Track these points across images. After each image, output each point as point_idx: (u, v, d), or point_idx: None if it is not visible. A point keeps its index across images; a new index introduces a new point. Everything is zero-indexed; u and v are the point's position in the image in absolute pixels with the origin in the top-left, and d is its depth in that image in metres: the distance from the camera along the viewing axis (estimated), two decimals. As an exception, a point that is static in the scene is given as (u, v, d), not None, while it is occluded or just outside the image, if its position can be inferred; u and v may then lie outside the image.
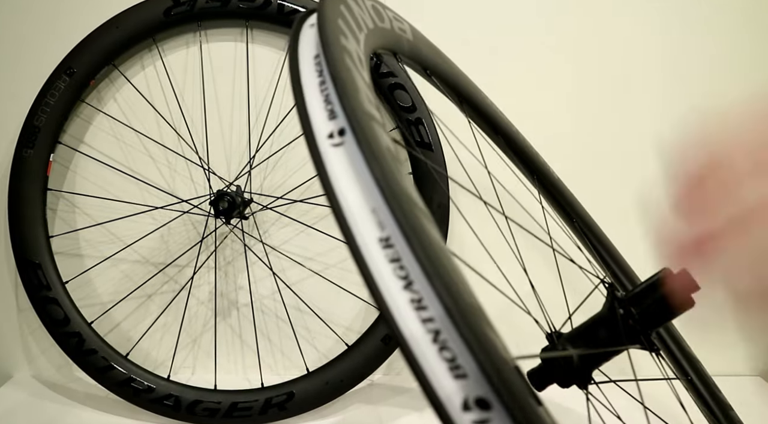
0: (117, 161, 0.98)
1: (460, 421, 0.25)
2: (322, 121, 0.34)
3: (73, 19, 0.93)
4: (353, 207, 0.30)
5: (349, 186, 0.31)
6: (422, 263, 0.27)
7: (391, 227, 0.29)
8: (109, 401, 0.94)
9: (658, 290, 0.50)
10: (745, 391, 0.98)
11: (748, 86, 0.96)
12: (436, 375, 0.26)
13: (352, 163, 0.31)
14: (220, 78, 0.96)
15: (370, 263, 0.29)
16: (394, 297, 0.28)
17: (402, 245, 0.28)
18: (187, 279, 1.00)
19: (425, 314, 0.27)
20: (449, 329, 0.26)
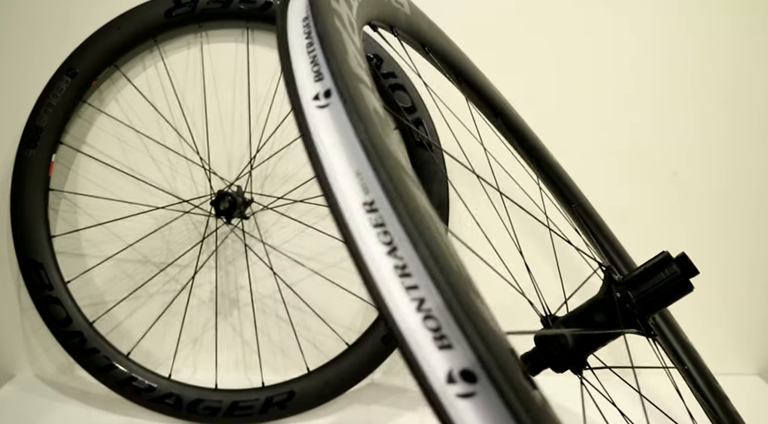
0: (118, 161, 0.98)
1: (444, 393, 0.24)
2: (308, 83, 0.33)
3: (74, 20, 0.93)
4: (337, 170, 0.29)
5: (333, 149, 0.30)
6: (407, 228, 0.26)
7: (375, 191, 0.28)
8: (110, 400, 0.94)
9: (657, 273, 0.50)
10: (744, 390, 0.99)
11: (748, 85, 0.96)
12: (419, 345, 0.24)
13: (337, 125, 0.30)
14: (220, 79, 0.96)
15: (352, 228, 0.27)
16: (377, 264, 0.26)
17: (386, 210, 0.27)
18: (188, 279, 1.00)
19: (409, 281, 0.26)
20: (434, 297, 0.25)
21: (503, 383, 0.23)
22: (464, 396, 0.23)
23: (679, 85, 0.96)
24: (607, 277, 0.52)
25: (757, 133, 0.97)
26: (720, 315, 1.02)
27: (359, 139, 0.29)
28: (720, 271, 1.00)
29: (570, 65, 0.96)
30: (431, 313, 0.25)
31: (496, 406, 0.23)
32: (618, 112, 0.97)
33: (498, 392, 0.23)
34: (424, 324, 0.25)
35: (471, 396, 0.23)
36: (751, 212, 0.99)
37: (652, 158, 0.98)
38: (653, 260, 0.51)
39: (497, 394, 0.23)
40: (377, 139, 0.29)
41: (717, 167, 0.98)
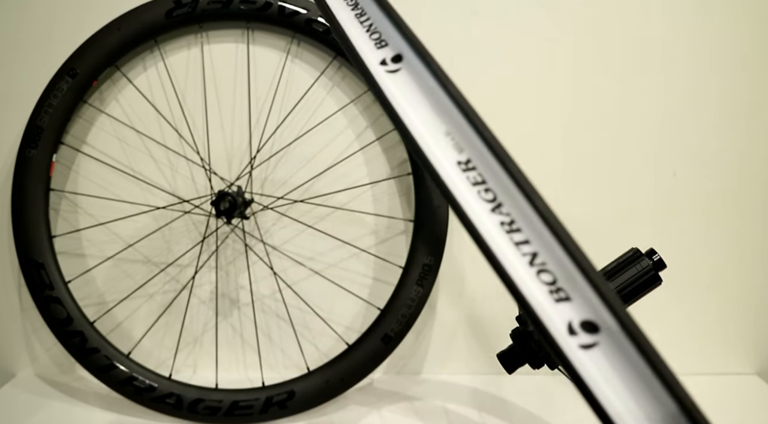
0: (119, 162, 0.98)
1: (567, 346, 0.23)
2: (370, 51, 0.32)
3: (75, 21, 0.94)
4: (424, 133, 0.28)
5: (416, 111, 0.28)
6: (515, 181, 0.25)
7: (471, 149, 0.27)
8: (111, 400, 0.94)
9: (627, 268, 0.50)
10: (743, 390, 0.99)
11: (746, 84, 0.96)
12: (537, 299, 0.24)
13: (418, 87, 0.29)
14: (221, 79, 0.96)
15: (452, 189, 0.26)
16: (482, 221, 0.26)
17: (487, 166, 0.26)
18: (188, 279, 1.00)
19: (519, 236, 0.25)
20: (549, 250, 0.24)
21: (630, 331, 0.22)
22: (587, 347, 0.23)
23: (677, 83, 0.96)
24: None
25: (758, 134, 0.97)
26: (719, 315, 1.02)
27: (450, 97, 0.28)
28: (719, 271, 1.00)
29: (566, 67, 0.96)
30: (546, 267, 0.24)
31: (621, 354, 0.22)
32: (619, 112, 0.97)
33: (625, 340, 0.22)
34: (538, 278, 0.24)
35: (594, 347, 0.23)
36: (751, 212, 0.99)
37: (652, 158, 0.98)
38: (624, 256, 0.52)
39: (625, 342, 0.22)
40: (463, 97, 0.28)
41: (717, 167, 0.98)
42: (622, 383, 0.22)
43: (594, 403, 0.22)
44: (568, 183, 0.98)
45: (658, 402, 0.21)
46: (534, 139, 0.97)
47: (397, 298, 0.92)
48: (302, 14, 0.90)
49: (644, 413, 0.22)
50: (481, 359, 1.04)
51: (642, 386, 0.22)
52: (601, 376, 0.22)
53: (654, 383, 0.22)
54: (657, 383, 0.22)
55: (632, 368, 0.22)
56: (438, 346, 1.03)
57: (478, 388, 0.99)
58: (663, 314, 1.01)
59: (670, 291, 1.01)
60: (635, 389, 0.22)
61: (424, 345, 1.04)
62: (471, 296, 1.01)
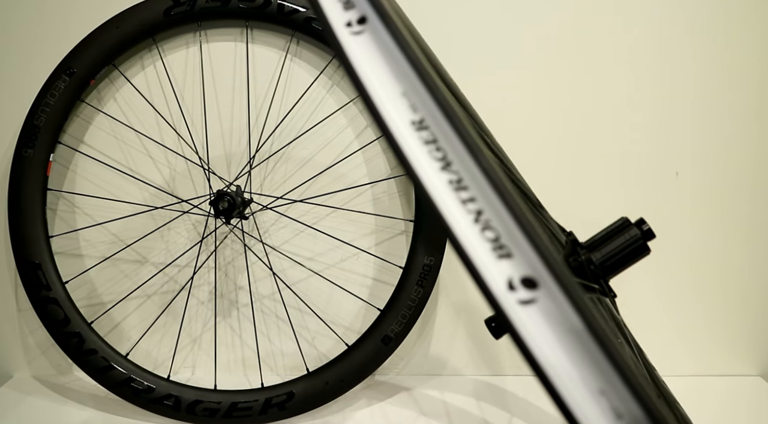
0: (117, 161, 0.98)
1: (505, 300, 0.24)
2: (337, 13, 0.33)
3: (73, 19, 0.93)
4: (381, 93, 0.29)
5: (374, 72, 0.30)
6: (464, 140, 0.27)
7: (424, 109, 0.28)
8: (109, 401, 0.94)
9: (617, 237, 0.51)
10: (745, 391, 0.98)
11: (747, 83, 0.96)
12: (479, 255, 0.25)
13: (378, 49, 0.31)
14: (220, 78, 0.96)
15: (404, 147, 0.28)
16: (431, 179, 0.27)
17: (438, 126, 0.28)
18: (187, 279, 1.00)
19: (465, 194, 0.26)
20: (494, 207, 0.25)
21: (568, 287, 0.23)
22: (526, 302, 0.24)
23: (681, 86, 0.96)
24: (570, 240, 0.53)
25: (760, 134, 0.97)
26: (722, 316, 1.02)
27: (408, 59, 0.29)
28: (722, 272, 1.00)
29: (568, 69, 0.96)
30: (490, 223, 0.25)
31: (557, 311, 0.23)
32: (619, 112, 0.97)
33: (561, 297, 0.23)
34: (482, 235, 0.25)
35: (532, 302, 0.24)
36: (754, 212, 0.98)
37: (654, 159, 0.97)
38: (614, 225, 0.53)
39: (563, 299, 0.23)
40: (420, 59, 0.29)
41: (719, 168, 0.97)
42: (557, 340, 0.23)
43: (530, 359, 0.23)
44: (565, 182, 0.98)
45: (592, 361, 0.22)
46: (532, 137, 0.96)
47: (397, 298, 0.91)
48: (301, 12, 0.89)
49: (577, 371, 0.22)
50: (481, 360, 1.03)
51: (576, 344, 0.22)
52: (538, 332, 0.23)
53: (588, 341, 0.22)
54: (591, 342, 0.22)
55: (568, 324, 0.23)
56: (438, 346, 1.03)
57: (478, 388, 0.99)
58: (666, 315, 1.01)
59: (673, 292, 1.00)
60: (570, 347, 0.22)
61: (425, 346, 1.03)
62: (471, 296, 1.01)
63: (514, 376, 1.03)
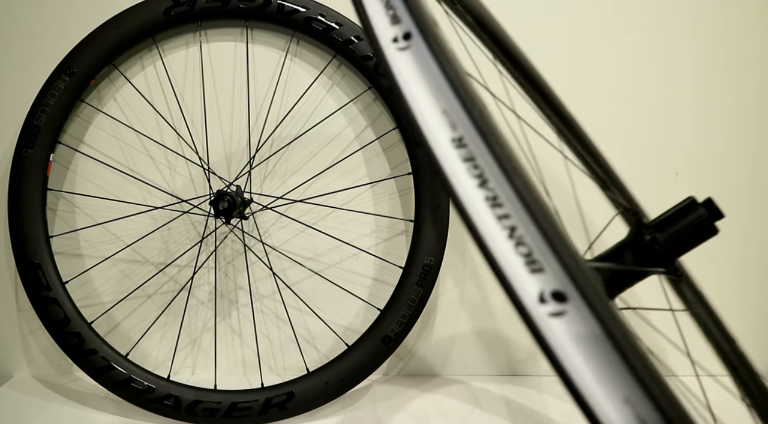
0: (117, 161, 0.98)
1: (537, 312, 0.25)
2: (385, 28, 0.34)
3: (72, 19, 0.93)
4: (424, 109, 0.31)
5: (419, 88, 0.31)
6: (498, 159, 0.28)
7: (463, 127, 0.29)
8: (109, 401, 0.94)
9: (684, 217, 0.51)
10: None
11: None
12: (513, 269, 0.26)
13: (421, 65, 0.32)
14: (220, 78, 0.96)
15: (444, 164, 0.29)
16: (469, 195, 0.28)
17: (476, 144, 0.29)
18: (187, 279, 1.00)
19: (500, 211, 0.27)
20: (526, 224, 0.27)
21: (593, 301, 0.25)
22: (556, 315, 0.25)
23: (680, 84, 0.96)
24: (635, 220, 0.52)
25: (762, 134, 0.97)
26: (723, 316, 1.01)
27: (446, 78, 0.31)
28: (721, 272, 1.00)
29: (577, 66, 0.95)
30: (523, 240, 0.27)
31: (586, 323, 0.25)
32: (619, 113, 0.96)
33: (589, 310, 0.25)
34: (516, 250, 0.27)
35: (562, 315, 0.25)
36: (755, 212, 0.98)
37: (657, 158, 0.97)
38: (681, 204, 0.53)
39: (588, 312, 0.25)
40: (462, 77, 0.31)
41: (720, 168, 0.97)
42: (583, 349, 0.24)
43: (559, 369, 0.24)
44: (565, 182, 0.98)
45: (615, 369, 0.24)
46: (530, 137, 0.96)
47: (397, 299, 0.91)
48: (301, 12, 0.89)
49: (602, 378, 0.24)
50: (481, 361, 1.03)
51: (600, 353, 0.24)
52: (567, 341, 0.24)
53: (610, 350, 0.24)
54: (613, 351, 0.24)
55: (593, 334, 0.24)
56: (438, 347, 1.03)
57: (478, 389, 0.99)
58: (666, 314, 1.01)
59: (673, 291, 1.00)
60: (594, 356, 0.24)
61: (425, 346, 1.03)
62: (471, 296, 1.01)
63: (514, 376, 1.03)
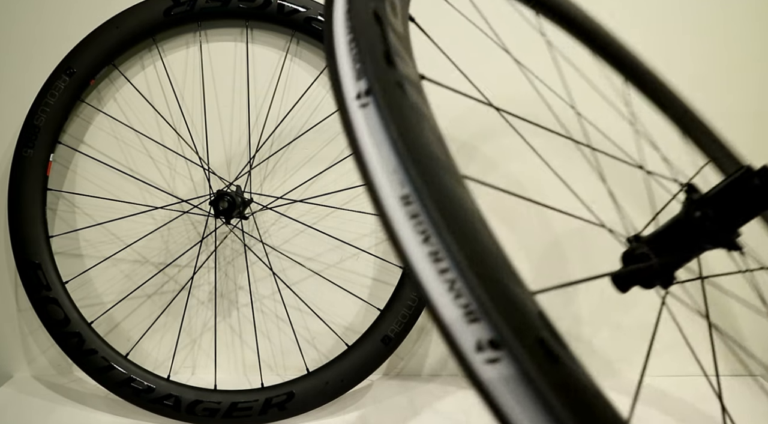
0: (117, 161, 0.98)
1: (474, 360, 0.27)
2: (350, 82, 0.34)
3: (72, 19, 0.93)
4: (377, 168, 0.32)
5: (372, 147, 0.32)
6: (434, 220, 0.29)
7: (410, 185, 0.31)
8: (109, 401, 0.94)
9: (738, 188, 0.49)
10: (746, 391, 0.98)
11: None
12: (452, 320, 0.28)
13: (373, 125, 0.32)
14: (220, 78, 0.96)
15: (392, 220, 0.30)
16: (414, 251, 0.29)
17: (419, 203, 0.30)
18: (187, 279, 1.00)
19: (442, 265, 0.29)
20: (464, 277, 0.28)
21: (525, 348, 0.26)
22: (491, 361, 0.27)
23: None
24: (688, 195, 0.52)
25: (763, 134, 0.97)
26: (722, 317, 1.02)
27: (390, 140, 0.32)
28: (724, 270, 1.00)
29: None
30: (461, 292, 0.28)
31: (517, 367, 0.26)
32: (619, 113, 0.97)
33: (520, 355, 0.26)
34: (455, 302, 0.28)
35: (497, 361, 0.27)
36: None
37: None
38: (733, 176, 0.51)
39: (519, 357, 0.26)
40: (409, 138, 0.31)
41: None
42: (517, 395, 0.26)
43: (496, 413, 0.26)
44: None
45: (544, 416, 0.25)
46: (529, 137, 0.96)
47: (397, 298, 0.91)
48: (301, 12, 0.89)
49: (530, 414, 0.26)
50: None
51: (531, 400, 0.26)
52: (504, 388, 0.26)
53: (539, 397, 0.25)
54: (542, 398, 0.25)
55: (528, 384, 0.26)
56: (438, 347, 1.03)
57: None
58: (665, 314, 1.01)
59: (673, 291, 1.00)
60: (526, 402, 0.26)
61: (425, 346, 1.03)
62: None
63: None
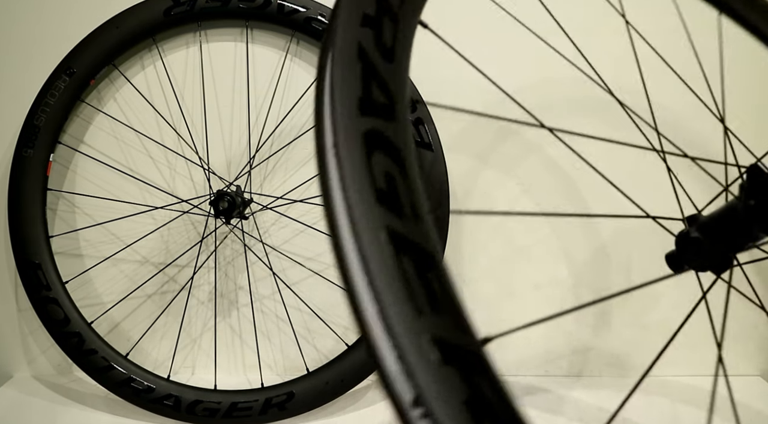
0: (117, 161, 0.98)
1: (411, 416, 0.27)
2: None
3: (72, 19, 0.93)
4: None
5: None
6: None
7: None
8: (109, 401, 0.94)
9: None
10: (745, 391, 0.98)
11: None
12: (393, 374, 0.28)
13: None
14: (220, 78, 0.96)
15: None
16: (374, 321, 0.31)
17: None
18: (187, 279, 1.00)
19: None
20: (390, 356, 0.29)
21: (441, 411, 0.27)
22: (423, 416, 0.27)
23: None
24: (746, 179, 0.51)
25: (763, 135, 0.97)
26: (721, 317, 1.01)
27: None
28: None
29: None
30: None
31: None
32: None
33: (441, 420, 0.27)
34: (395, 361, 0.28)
35: (427, 417, 0.27)
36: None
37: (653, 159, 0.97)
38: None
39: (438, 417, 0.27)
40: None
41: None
42: None
43: None
44: (564, 182, 0.98)
45: None
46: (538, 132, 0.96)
47: (398, 298, 0.91)
48: (301, 12, 0.89)
49: None
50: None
51: None
52: None
53: None
54: None
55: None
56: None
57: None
58: (671, 316, 1.01)
59: (677, 293, 1.00)
60: None
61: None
62: (471, 297, 1.01)
63: (514, 376, 1.03)
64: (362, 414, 0.92)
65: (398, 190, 0.32)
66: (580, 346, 1.02)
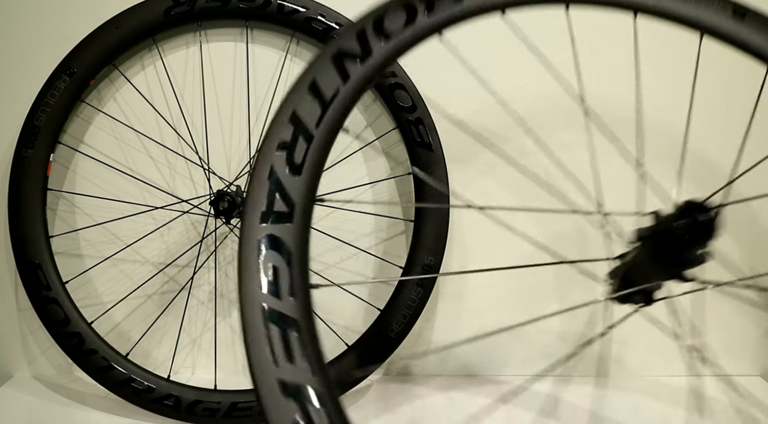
0: (117, 161, 0.98)
1: None
2: None
3: (72, 19, 0.93)
4: None
5: None
6: None
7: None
8: (109, 402, 0.94)
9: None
10: (745, 391, 0.98)
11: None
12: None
13: None
14: (220, 78, 0.96)
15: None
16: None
17: None
18: (187, 279, 1.00)
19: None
20: None
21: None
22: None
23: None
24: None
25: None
26: (722, 318, 1.02)
27: None
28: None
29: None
30: None
31: None
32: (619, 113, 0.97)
33: None
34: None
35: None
36: (757, 212, 0.98)
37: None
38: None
39: None
40: None
41: (722, 171, 0.97)
42: None
43: None
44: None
45: None
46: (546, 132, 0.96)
47: (397, 298, 0.91)
48: (301, 12, 0.89)
49: None
50: (481, 361, 1.03)
51: None
52: None
53: None
54: None
55: None
56: (438, 346, 1.03)
57: (478, 389, 0.99)
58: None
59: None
60: None
61: (425, 346, 1.03)
62: (471, 297, 1.01)
63: (514, 376, 1.03)
64: (362, 414, 0.92)
65: (279, 278, 0.47)
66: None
